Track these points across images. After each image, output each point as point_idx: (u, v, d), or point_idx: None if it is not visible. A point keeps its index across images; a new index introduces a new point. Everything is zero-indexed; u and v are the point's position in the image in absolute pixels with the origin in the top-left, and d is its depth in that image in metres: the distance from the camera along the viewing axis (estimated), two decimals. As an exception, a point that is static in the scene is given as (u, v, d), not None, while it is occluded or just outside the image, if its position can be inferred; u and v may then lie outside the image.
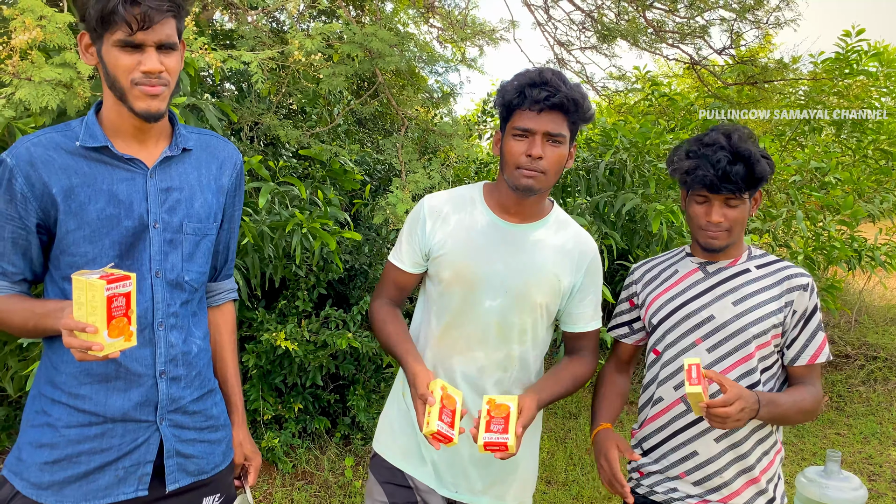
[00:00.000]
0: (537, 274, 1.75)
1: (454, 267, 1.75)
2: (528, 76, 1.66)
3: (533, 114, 1.64)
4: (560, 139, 1.66)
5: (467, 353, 1.77)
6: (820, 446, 4.50)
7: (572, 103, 1.64)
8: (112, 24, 1.34)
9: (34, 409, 1.54)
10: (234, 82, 4.53)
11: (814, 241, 4.59)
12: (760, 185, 1.78)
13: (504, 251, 1.75)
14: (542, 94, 1.61)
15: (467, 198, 1.82)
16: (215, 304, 1.79)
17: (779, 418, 1.74)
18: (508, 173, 1.70)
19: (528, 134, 1.65)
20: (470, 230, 1.77)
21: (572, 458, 4.16)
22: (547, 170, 1.67)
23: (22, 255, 1.50)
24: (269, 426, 3.80)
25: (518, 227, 1.78)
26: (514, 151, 1.67)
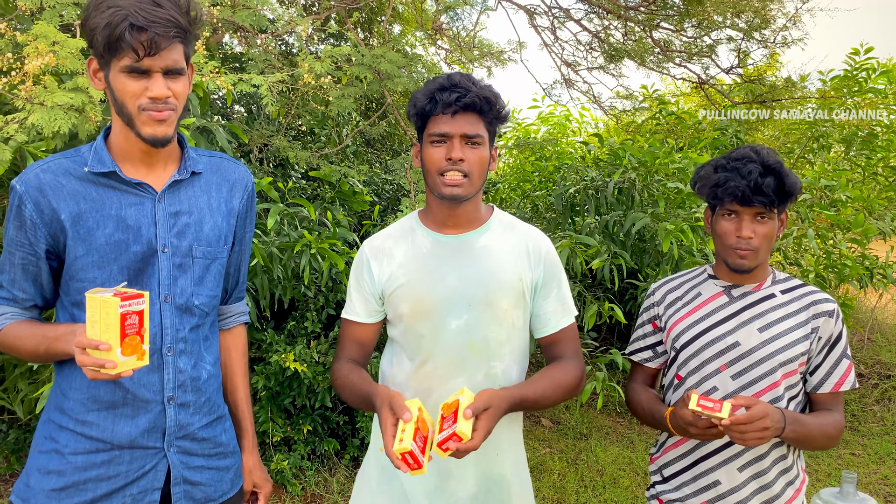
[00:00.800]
0: (495, 279, 1.67)
1: (410, 298, 1.67)
2: (437, 82, 1.63)
3: (447, 117, 1.60)
4: (479, 140, 1.62)
5: (448, 384, 1.67)
6: (835, 467, 4.43)
7: (485, 102, 1.60)
8: (119, 50, 1.34)
9: (42, 435, 1.54)
10: (244, 104, 4.57)
11: (825, 260, 4.56)
12: (790, 201, 1.75)
13: (455, 264, 1.68)
14: (452, 97, 1.58)
15: (406, 227, 1.77)
16: (226, 328, 1.77)
17: (803, 439, 1.70)
18: (432, 183, 1.64)
19: (445, 138, 1.61)
20: (416, 257, 1.70)
21: (583, 480, 4.11)
22: (470, 172, 1.61)
23: (32, 281, 1.51)
24: (279, 448, 3.77)
25: (461, 236, 1.71)
26: (434, 158, 1.62)
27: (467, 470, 1.66)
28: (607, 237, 4.18)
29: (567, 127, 6.52)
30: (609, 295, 4.79)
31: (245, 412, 1.78)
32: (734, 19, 5.55)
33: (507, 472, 1.70)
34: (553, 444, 4.61)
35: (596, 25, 5.83)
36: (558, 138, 6.16)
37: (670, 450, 1.88)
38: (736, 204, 1.73)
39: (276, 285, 3.48)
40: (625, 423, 5.04)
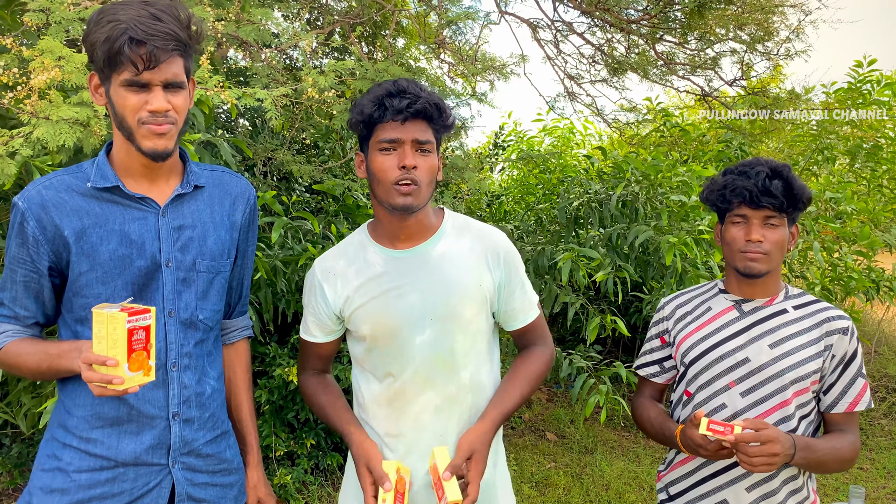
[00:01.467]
0: (457, 289, 1.62)
1: (370, 319, 1.63)
2: (385, 88, 1.56)
3: (397, 124, 1.54)
4: (429, 147, 1.57)
5: (419, 399, 1.64)
6: (843, 481, 4.39)
7: (435, 108, 1.56)
8: (118, 64, 1.34)
9: (46, 453, 1.52)
10: (248, 118, 4.59)
11: (831, 272, 4.54)
12: (798, 208, 1.73)
13: (413, 279, 1.62)
14: (403, 103, 1.53)
15: (356, 244, 1.71)
16: (229, 342, 1.76)
17: (814, 465, 1.67)
18: (383, 193, 1.57)
19: (395, 145, 1.54)
20: (370, 276, 1.64)
21: (589, 495, 4.08)
22: (421, 180, 1.55)
23: (34, 298, 1.50)
24: (282, 462, 3.76)
25: (415, 249, 1.65)
26: (385, 166, 1.54)
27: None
28: (611, 250, 4.17)
29: (571, 139, 6.54)
30: (613, 308, 4.77)
31: (249, 427, 1.77)
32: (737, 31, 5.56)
33: (490, 479, 1.69)
34: (558, 459, 4.58)
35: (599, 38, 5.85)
36: (562, 151, 6.17)
37: (677, 467, 1.86)
38: (745, 207, 1.72)
39: (279, 299, 3.48)
40: (630, 437, 5.00)
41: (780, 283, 1.82)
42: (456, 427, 1.65)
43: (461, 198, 4.81)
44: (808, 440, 1.66)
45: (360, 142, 1.64)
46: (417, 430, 1.64)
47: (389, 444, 1.67)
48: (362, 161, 1.65)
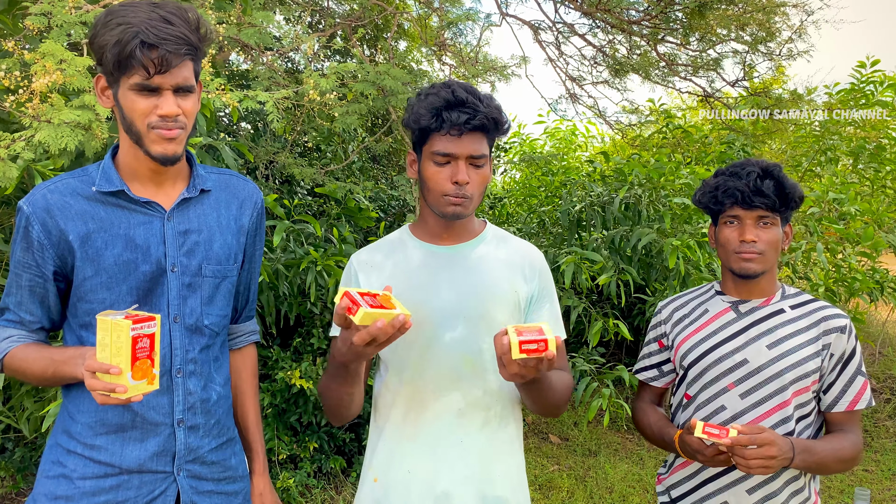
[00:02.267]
0: (491, 291, 1.60)
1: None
2: (441, 97, 1.52)
3: (453, 137, 1.52)
4: (483, 160, 1.56)
5: (442, 398, 1.58)
6: (847, 483, 4.37)
7: (493, 123, 1.54)
8: (129, 67, 1.32)
9: (50, 460, 1.51)
10: (250, 121, 4.59)
11: (835, 273, 4.53)
12: (791, 207, 1.73)
13: (449, 276, 1.61)
14: (462, 118, 1.49)
15: (396, 241, 1.70)
16: (236, 348, 1.74)
17: (815, 467, 1.66)
18: (433, 201, 1.57)
19: (450, 158, 1.53)
20: (408, 269, 1.63)
21: (592, 498, 4.06)
22: (473, 194, 1.55)
23: (39, 303, 1.49)
24: (285, 466, 3.75)
25: (455, 247, 1.64)
26: (438, 179, 1.54)
27: (467, 493, 1.58)
28: (614, 253, 4.16)
29: (573, 142, 6.53)
30: (615, 311, 4.76)
31: (255, 434, 1.74)
32: (739, 32, 5.55)
33: (507, 495, 1.62)
34: (561, 461, 4.57)
35: (600, 40, 5.84)
36: (564, 153, 6.16)
37: (678, 470, 1.85)
38: (737, 207, 1.71)
39: (282, 302, 3.47)
40: (634, 439, 4.99)
41: (776, 283, 1.81)
42: (478, 437, 1.58)
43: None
44: (808, 443, 1.65)
45: (414, 143, 1.62)
46: (435, 434, 1.58)
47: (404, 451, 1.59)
48: (414, 161, 1.64)
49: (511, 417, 1.65)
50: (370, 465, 1.66)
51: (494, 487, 1.59)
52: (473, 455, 1.57)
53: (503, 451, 1.62)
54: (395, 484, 1.57)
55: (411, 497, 1.55)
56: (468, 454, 1.57)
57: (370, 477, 1.64)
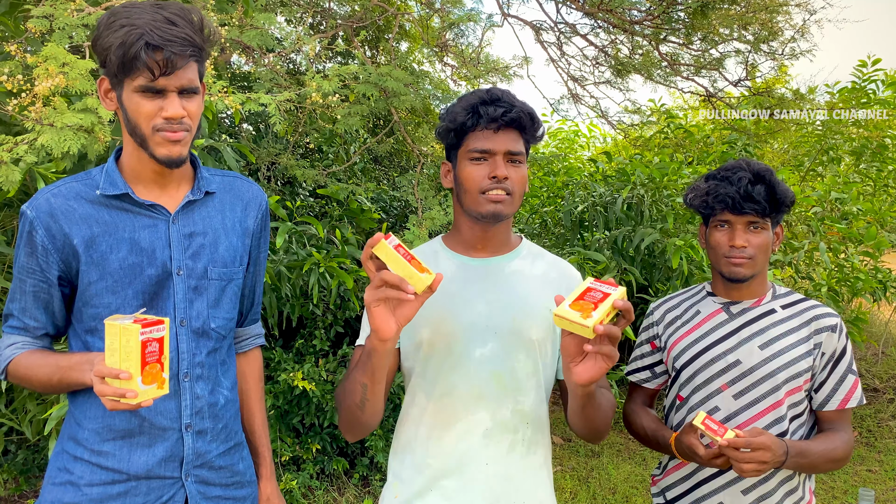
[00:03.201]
0: (525, 307, 1.54)
1: (431, 323, 1.52)
2: (478, 95, 1.52)
3: (490, 133, 1.49)
4: (521, 158, 1.52)
5: (467, 418, 1.51)
6: (851, 484, 4.36)
7: (528, 118, 1.51)
8: (133, 69, 1.31)
9: (56, 467, 1.49)
10: (252, 123, 4.59)
11: (837, 273, 4.52)
12: (782, 210, 1.72)
13: (481, 289, 1.55)
14: (498, 111, 1.48)
15: (428, 252, 1.64)
16: (241, 351, 1.73)
17: (807, 468, 1.67)
18: (471, 202, 1.51)
19: (487, 155, 1.49)
20: None
21: (595, 498, 4.06)
22: (513, 191, 1.50)
23: (44, 308, 1.47)
24: (287, 467, 3.75)
25: (490, 260, 1.59)
26: (476, 176, 1.49)
27: None
28: (616, 253, 4.16)
29: (576, 142, 6.52)
30: (619, 310, 4.75)
31: (262, 438, 1.73)
32: (741, 32, 5.54)
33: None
34: (564, 462, 4.57)
35: (602, 40, 5.84)
36: (566, 153, 6.16)
37: (673, 472, 1.85)
38: (727, 213, 1.71)
39: (284, 304, 3.47)
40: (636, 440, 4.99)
41: (766, 284, 1.81)
42: (506, 460, 1.52)
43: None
44: (802, 445, 1.64)
45: (448, 150, 1.59)
46: (463, 457, 1.51)
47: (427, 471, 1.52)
48: (449, 171, 1.59)
49: (541, 444, 1.58)
50: (393, 480, 1.60)
51: None
52: (500, 479, 1.51)
53: (532, 478, 1.55)
54: (416, 502, 1.52)
55: None
56: (494, 478, 1.51)
57: (392, 492, 1.59)
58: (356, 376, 1.41)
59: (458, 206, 1.59)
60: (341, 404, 1.50)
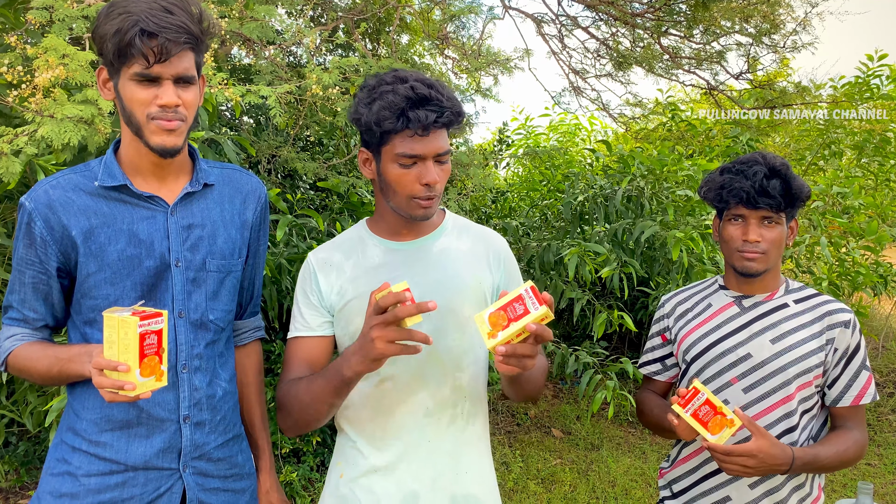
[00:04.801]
0: (456, 284, 1.54)
1: (363, 311, 1.50)
2: (402, 94, 1.40)
3: (419, 137, 1.42)
4: (447, 156, 1.47)
5: (409, 399, 1.52)
6: (850, 477, 4.37)
7: (457, 117, 1.45)
8: (129, 56, 1.31)
9: (55, 458, 1.50)
10: (252, 116, 4.58)
11: (838, 267, 4.52)
12: (797, 205, 1.71)
13: (412, 272, 1.54)
14: (430, 118, 1.39)
15: (355, 238, 1.62)
16: (241, 344, 1.73)
17: (817, 471, 1.67)
18: (399, 203, 1.48)
19: (416, 160, 1.43)
20: (368, 268, 1.55)
21: (595, 491, 4.07)
22: (440, 191, 1.48)
23: (43, 300, 1.47)
24: (287, 460, 3.76)
25: (415, 242, 1.57)
26: (405, 182, 1.44)
27: (436, 493, 1.54)
28: (616, 245, 4.16)
29: (577, 135, 6.51)
30: (619, 303, 4.76)
31: (261, 431, 1.73)
32: (743, 24, 5.52)
33: (477, 493, 1.58)
34: (564, 455, 4.58)
35: (603, 33, 5.82)
36: (567, 147, 6.15)
37: (681, 464, 1.85)
38: (742, 207, 1.70)
39: (284, 296, 3.47)
40: (637, 433, 4.99)
41: (780, 278, 1.80)
42: (445, 435, 1.55)
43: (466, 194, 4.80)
44: (811, 453, 1.63)
45: (368, 142, 1.51)
46: (406, 436, 1.53)
47: (371, 453, 1.54)
48: (369, 160, 1.52)
49: (479, 415, 1.61)
50: (337, 460, 1.61)
51: (464, 486, 1.55)
52: (442, 454, 1.54)
53: (472, 449, 1.59)
54: (362, 481, 1.53)
55: (378, 497, 1.51)
56: (436, 453, 1.54)
57: (337, 472, 1.60)
58: (325, 397, 1.41)
59: (383, 199, 1.55)
60: (293, 410, 1.48)
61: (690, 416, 1.56)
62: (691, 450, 1.82)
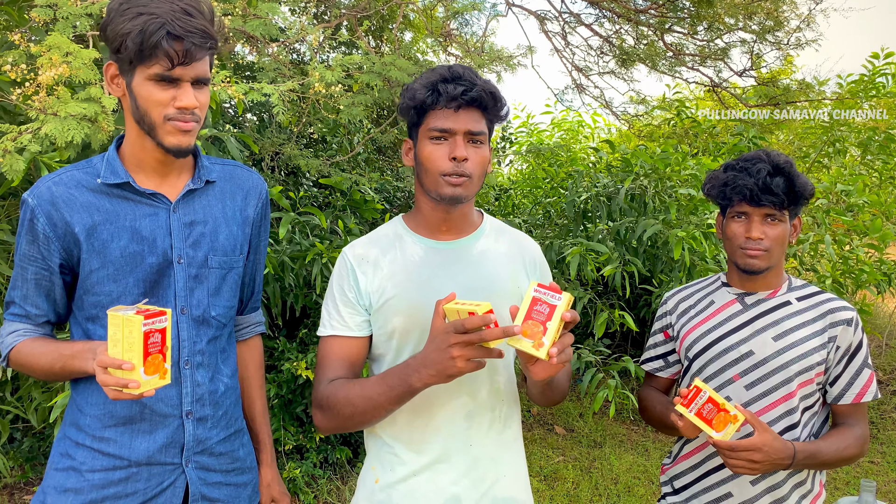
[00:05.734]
0: (495, 287, 1.54)
1: (404, 311, 1.51)
2: (438, 72, 1.48)
3: (450, 112, 1.46)
4: (482, 138, 1.49)
5: (448, 404, 1.51)
6: (853, 475, 4.37)
7: (490, 97, 1.48)
8: (151, 57, 1.32)
9: (59, 452, 1.51)
10: (255, 113, 4.59)
11: (842, 265, 4.51)
12: (801, 203, 1.71)
13: (452, 272, 1.54)
14: (458, 90, 1.44)
15: (391, 234, 1.60)
16: (242, 339, 1.74)
17: (818, 467, 1.67)
18: (430, 183, 1.49)
19: (447, 135, 1.47)
20: (407, 266, 1.54)
21: (598, 489, 4.07)
22: (473, 173, 1.47)
23: (45, 296, 1.48)
24: (291, 456, 3.77)
25: (456, 242, 1.57)
26: (435, 156, 1.46)
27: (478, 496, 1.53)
28: (619, 244, 4.15)
29: (580, 132, 6.50)
30: (621, 302, 4.76)
31: (262, 425, 1.75)
32: (746, 21, 5.51)
33: (517, 495, 1.58)
34: (567, 452, 4.58)
35: (607, 30, 5.82)
36: (570, 144, 6.14)
37: (683, 460, 1.85)
38: (745, 204, 1.70)
39: (287, 293, 3.48)
40: (639, 430, 5.00)
41: (782, 275, 1.80)
42: (485, 439, 1.54)
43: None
44: (812, 447, 1.64)
45: (410, 128, 1.56)
46: (446, 439, 1.52)
47: (410, 457, 1.52)
48: (410, 148, 1.57)
49: (514, 417, 1.62)
50: (371, 464, 1.59)
51: (504, 489, 1.56)
52: (482, 458, 1.54)
53: (510, 452, 1.60)
54: (400, 487, 1.52)
55: (418, 501, 1.50)
56: (477, 457, 1.53)
57: (372, 476, 1.58)
58: (385, 403, 1.41)
59: (419, 186, 1.56)
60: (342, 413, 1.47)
61: (694, 416, 1.56)
62: (693, 446, 1.82)
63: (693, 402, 1.56)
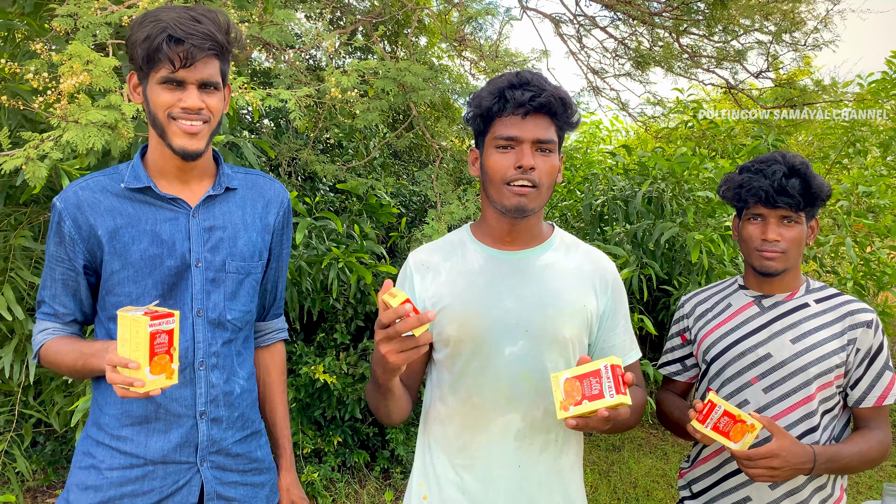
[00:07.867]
0: (557, 303, 1.47)
1: (458, 319, 1.46)
2: (505, 79, 1.44)
3: (517, 119, 1.41)
4: (551, 147, 1.43)
5: (499, 420, 1.45)
6: (876, 479, 4.31)
7: (560, 103, 1.42)
8: (157, 61, 1.38)
9: (81, 451, 1.56)
10: (272, 119, 4.62)
11: (863, 267, 4.45)
12: (817, 204, 1.70)
13: (511, 284, 1.48)
14: (526, 96, 1.39)
15: (455, 242, 1.57)
16: (264, 345, 1.77)
17: (839, 471, 1.65)
18: (495, 193, 1.44)
19: (513, 143, 1.41)
20: (467, 274, 1.50)
21: (616, 492, 4.05)
22: (540, 183, 1.42)
23: (72, 296, 1.54)
24: (309, 460, 3.78)
25: (520, 253, 1.51)
26: (501, 165, 1.42)
27: None
28: (636, 247, 4.13)
29: (597, 135, 6.48)
30: (640, 306, 4.73)
31: (283, 430, 1.77)
32: (763, 22, 5.47)
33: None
34: (585, 456, 4.56)
35: (622, 32, 5.80)
36: (587, 147, 6.12)
37: (701, 464, 1.84)
38: (760, 206, 1.69)
39: (305, 298, 3.50)
40: (658, 434, 4.96)
41: (800, 278, 1.79)
42: (537, 462, 1.47)
43: (485, 195, 4.79)
44: (833, 451, 1.61)
45: (476, 137, 1.52)
46: (494, 457, 1.47)
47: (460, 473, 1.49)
48: (476, 158, 1.53)
49: (573, 443, 1.54)
50: (419, 480, 1.56)
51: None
52: (532, 482, 1.47)
53: (564, 480, 1.52)
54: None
55: None
56: (527, 481, 1.47)
57: (419, 493, 1.54)
58: (378, 399, 1.46)
59: (485, 197, 1.52)
60: (370, 403, 1.52)
61: (711, 430, 1.53)
62: (711, 450, 1.81)
63: (708, 418, 1.53)
